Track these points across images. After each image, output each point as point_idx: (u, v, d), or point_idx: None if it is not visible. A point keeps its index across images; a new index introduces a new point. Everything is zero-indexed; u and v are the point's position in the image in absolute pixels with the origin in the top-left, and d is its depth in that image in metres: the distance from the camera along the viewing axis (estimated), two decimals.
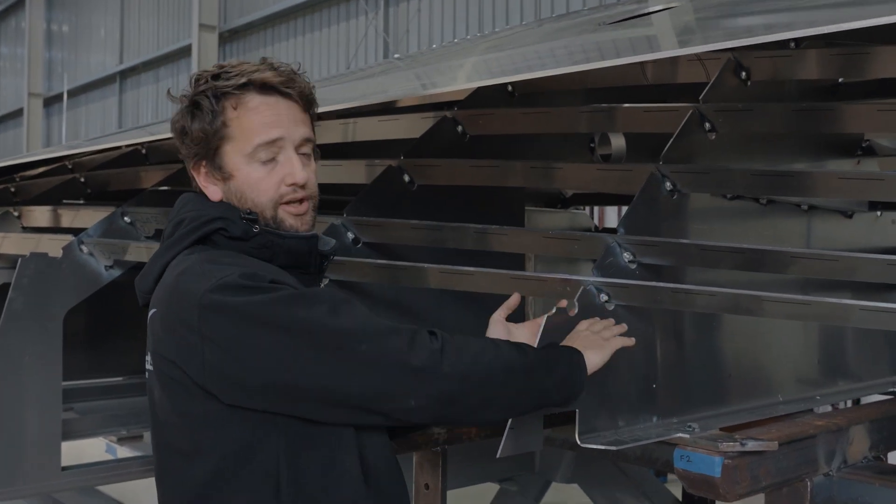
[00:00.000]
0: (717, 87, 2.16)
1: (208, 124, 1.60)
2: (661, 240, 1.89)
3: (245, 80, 1.60)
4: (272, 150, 1.61)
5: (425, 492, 2.25)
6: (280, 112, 1.62)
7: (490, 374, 1.52)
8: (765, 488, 1.82)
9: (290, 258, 1.63)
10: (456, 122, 2.52)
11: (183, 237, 1.62)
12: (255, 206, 1.61)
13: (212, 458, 1.52)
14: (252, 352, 1.46)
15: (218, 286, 1.47)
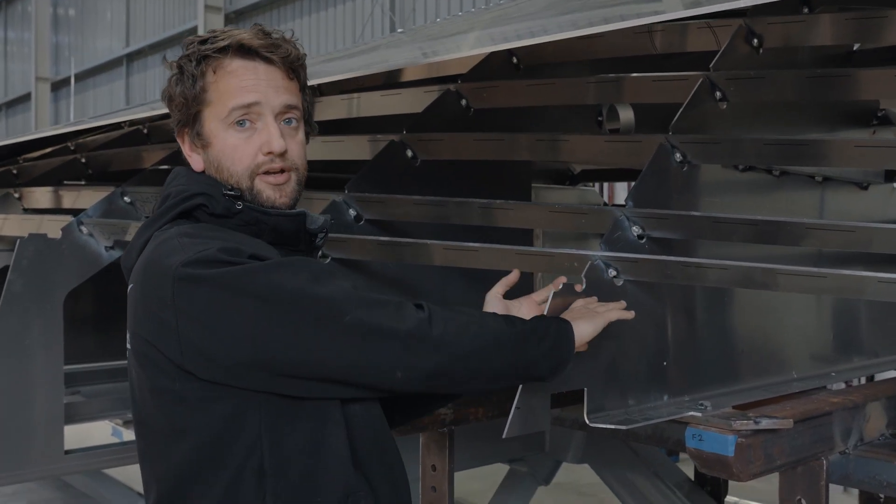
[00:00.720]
0: (727, 54, 2.09)
1: (189, 88, 1.54)
2: (671, 212, 1.84)
3: (226, 42, 1.54)
4: (250, 117, 1.53)
5: (432, 473, 2.21)
6: (259, 76, 1.54)
7: (476, 345, 1.48)
8: (779, 467, 1.78)
9: (276, 236, 1.56)
10: (460, 96, 2.46)
11: (165, 212, 1.55)
12: (232, 176, 1.54)
13: (191, 439, 1.46)
14: (229, 323, 1.40)
15: (194, 260, 1.41)
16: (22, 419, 2.43)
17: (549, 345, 1.54)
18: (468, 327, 1.48)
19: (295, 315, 1.40)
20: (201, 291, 1.40)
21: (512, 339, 1.52)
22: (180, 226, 1.52)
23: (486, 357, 1.50)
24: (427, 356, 1.44)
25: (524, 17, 3.18)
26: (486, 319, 1.53)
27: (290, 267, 1.44)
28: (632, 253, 1.77)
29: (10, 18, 25.32)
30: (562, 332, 1.56)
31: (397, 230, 2.19)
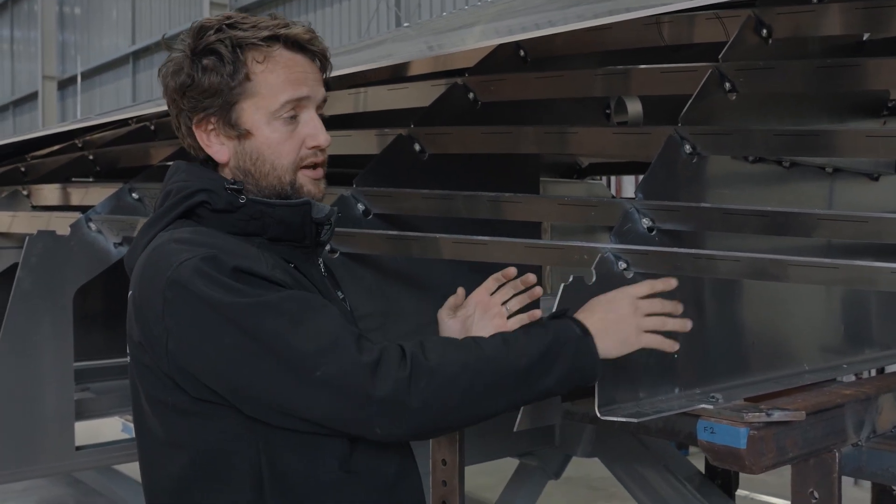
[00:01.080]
0: (736, 45, 2.08)
1: (228, 76, 1.47)
2: (681, 204, 1.83)
3: (270, 33, 1.49)
4: (297, 110, 1.50)
5: (443, 467, 2.21)
6: (307, 69, 1.51)
7: (472, 392, 1.38)
8: (791, 459, 1.76)
9: (281, 229, 1.51)
10: (467, 89, 2.45)
11: (166, 212, 1.50)
12: (274, 169, 1.50)
13: (189, 453, 1.43)
14: (210, 352, 1.37)
15: (178, 272, 1.37)
16: (33, 415, 2.43)
17: (564, 369, 1.44)
18: (461, 375, 1.38)
19: (269, 363, 1.35)
20: (186, 311, 1.37)
21: (518, 373, 1.41)
22: (178, 228, 1.48)
23: (485, 400, 1.41)
24: (406, 420, 1.36)
25: (530, 10, 3.17)
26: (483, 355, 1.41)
27: (271, 307, 1.36)
28: (642, 245, 1.77)
29: (16, 17, 25.39)
30: (581, 351, 1.46)
31: (406, 224, 2.19)
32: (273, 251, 1.49)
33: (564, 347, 1.45)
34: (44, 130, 4.21)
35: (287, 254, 1.52)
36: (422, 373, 1.36)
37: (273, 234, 1.50)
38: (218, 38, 1.48)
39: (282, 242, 1.52)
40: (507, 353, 1.42)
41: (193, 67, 1.48)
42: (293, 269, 1.51)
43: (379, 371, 1.34)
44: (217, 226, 1.48)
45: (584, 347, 1.47)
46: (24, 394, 2.42)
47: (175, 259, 1.39)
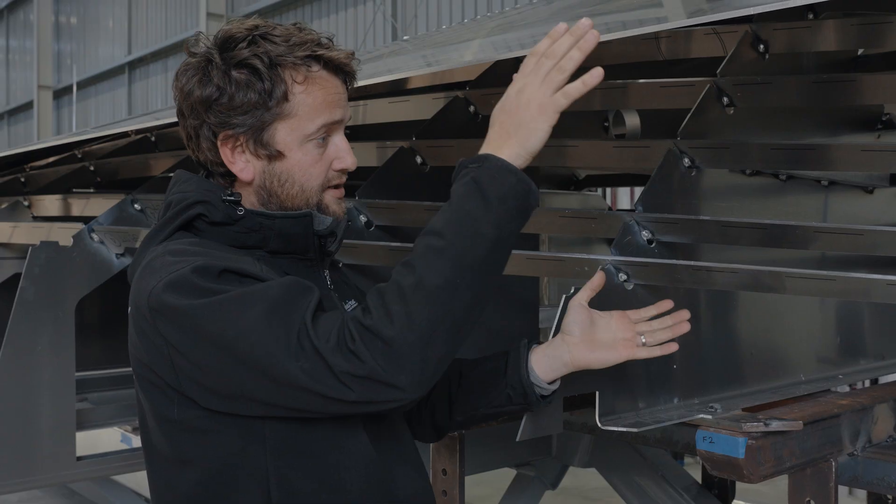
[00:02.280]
0: (734, 60, 2.12)
1: (266, 94, 1.41)
2: (680, 217, 1.86)
3: (310, 52, 1.43)
4: (328, 132, 1.47)
5: (443, 477, 2.23)
6: (340, 91, 1.47)
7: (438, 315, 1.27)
8: (789, 469, 1.79)
9: (282, 242, 1.46)
10: (468, 102, 2.48)
11: (165, 224, 1.47)
12: (303, 191, 1.46)
13: (197, 470, 1.40)
14: (202, 358, 1.34)
15: (164, 285, 1.34)
16: (34, 426, 2.44)
17: (497, 210, 1.31)
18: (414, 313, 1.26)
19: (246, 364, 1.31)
20: (173, 326, 1.34)
21: (460, 265, 1.28)
22: (175, 240, 1.44)
23: (455, 309, 1.29)
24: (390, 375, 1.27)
25: (527, 25, 3.21)
26: (408, 272, 1.29)
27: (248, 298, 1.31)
28: (642, 257, 1.79)
29: (11, 27, 25.40)
30: (493, 178, 1.32)
31: (408, 236, 2.21)
32: (274, 264, 1.45)
33: (474, 196, 1.32)
34: (46, 142, 4.23)
35: (288, 267, 1.48)
36: (372, 337, 1.26)
37: (273, 246, 1.47)
38: (253, 53, 1.41)
39: (283, 255, 1.48)
40: (430, 256, 1.30)
41: (224, 80, 1.41)
42: None
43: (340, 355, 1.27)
44: (216, 238, 1.45)
45: (492, 170, 1.33)
46: (25, 404, 2.43)
47: (165, 270, 1.36)
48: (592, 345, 1.55)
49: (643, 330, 1.57)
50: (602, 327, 1.56)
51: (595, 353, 1.55)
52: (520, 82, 1.37)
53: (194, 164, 1.56)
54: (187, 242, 1.42)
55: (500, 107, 1.39)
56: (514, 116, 1.36)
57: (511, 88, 1.38)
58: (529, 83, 1.36)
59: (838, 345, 2.38)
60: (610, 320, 1.57)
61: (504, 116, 1.37)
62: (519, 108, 1.36)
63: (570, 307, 1.56)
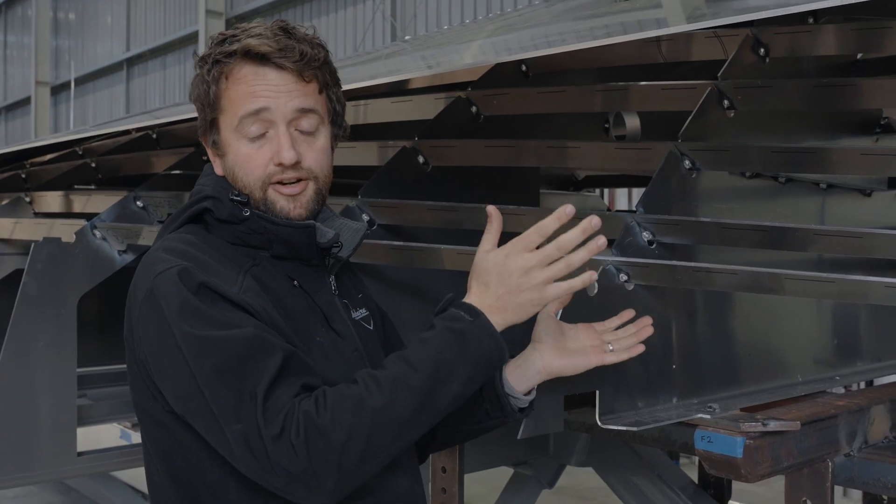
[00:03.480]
0: (735, 63, 2.14)
1: (204, 95, 1.49)
2: (680, 218, 1.87)
3: (235, 47, 1.46)
4: (261, 125, 1.45)
5: (442, 475, 2.24)
6: (269, 81, 1.45)
7: (377, 439, 1.31)
8: (786, 469, 1.80)
9: (286, 248, 1.48)
10: (470, 103, 2.50)
11: (177, 216, 1.52)
12: (245, 186, 1.47)
13: (163, 463, 1.44)
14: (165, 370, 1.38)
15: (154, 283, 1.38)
16: (36, 421, 2.45)
17: (468, 368, 1.36)
18: (354, 434, 1.29)
19: (201, 402, 1.34)
20: (153, 325, 1.38)
21: (417, 403, 1.33)
22: (183, 232, 1.49)
23: (394, 444, 1.34)
24: (318, 487, 1.30)
25: (528, 27, 3.23)
26: (378, 400, 1.31)
27: (216, 345, 1.33)
28: (642, 258, 1.81)
29: (10, 22, 25.35)
30: (479, 338, 1.37)
31: (409, 235, 2.22)
32: (278, 267, 1.48)
33: (457, 347, 1.36)
34: (43, 140, 4.24)
35: (292, 271, 1.49)
36: (316, 438, 1.28)
37: (278, 251, 1.48)
38: (205, 55, 1.50)
39: (289, 259, 1.49)
40: (400, 387, 1.33)
41: (192, 85, 1.53)
42: (295, 287, 1.48)
43: (279, 444, 1.28)
44: (222, 234, 1.48)
45: (480, 332, 1.37)
46: (27, 399, 2.44)
47: (154, 269, 1.40)
48: (563, 352, 1.55)
49: (609, 339, 1.58)
50: (571, 336, 1.57)
51: (566, 360, 1.55)
52: (523, 259, 1.39)
53: (196, 163, 1.60)
54: (187, 240, 1.45)
55: (500, 273, 1.39)
56: (512, 295, 1.39)
57: (515, 261, 1.39)
58: (534, 268, 1.38)
59: (835, 346, 2.40)
60: (578, 331, 1.58)
61: (501, 287, 1.39)
62: (519, 288, 1.38)
63: (540, 318, 1.56)
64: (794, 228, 1.78)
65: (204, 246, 1.45)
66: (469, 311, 1.39)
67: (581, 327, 1.59)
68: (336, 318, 1.53)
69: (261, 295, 1.41)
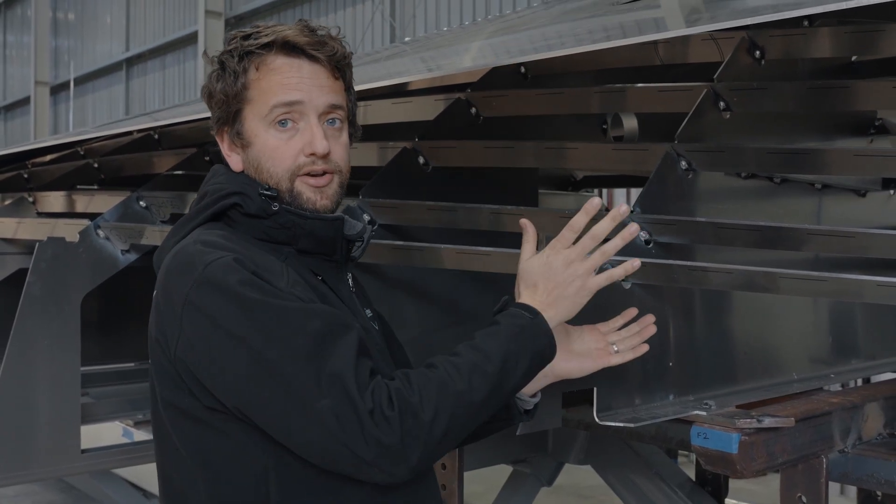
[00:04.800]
0: (731, 66, 2.16)
1: (230, 86, 1.49)
2: (677, 218, 1.90)
3: (270, 38, 1.48)
4: (292, 116, 1.48)
5: (442, 471, 2.27)
6: (303, 74, 1.48)
7: (455, 422, 1.36)
8: (781, 465, 1.83)
9: (312, 242, 1.49)
10: (469, 104, 2.52)
11: (199, 212, 1.51)
12: (272, 177, 1.49)
13: (198, 462, 1.42)
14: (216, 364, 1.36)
15: (200, 280, 1.37)
16: (40, 419, 2.48)
17: (526, 362, 1.44)
18: (439, 415, 1.34)
19: (272, 387, 1.33)
20: (203, 320, 1.36)
21: (488, 391, 1.40)
22: (207, 229, 1.48)
23: (466, 426, 1.40)
24: (401, 461, 1.32)
25: (527, 29, 3.25)
26: (460, 385, 1.37)
27: (295, 320, 1.34)
28: (639, 257, 1.83)
29: (9, 22, 25.35)
30: (537, 335, 1.46)
31: (410, 235, 2.25)
32: (301, 262, 1.49)
33: (520, 340, 1.45)
34: (45, 141, 4.26)
35: (316, 266, 1.51)
36: (408, 414, 1.32)
37: (303, 245, 1.49)
38: (231, 48, 1.51)
39: (311, 255, 1.51)
40: (477, 373, 1.39)
41: (211, 78, 1.53)
42: (320, 283, 1.50)
43: (374, 418, 1.30)
44: (247, 230, 1.49)
45: (538, 329, 1.47)
46: (31, 397, 2.46)
47: (201, 260, 1.39)
48: (569, 355, 1.61)
49: (613, 339, 1.65)
50: (576, 339, 1.63)
51: (572, 363, 1.62)
52: (564, 254, 1.50)
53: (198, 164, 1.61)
54: (219, 234, 1.45)
55: (546, 273, 1.50)
56: (560, 288, 1.49)
57: (556, 257, 1.50)
58: (574, 259, 1.50)
59: (831, 344, 2.43)
60: (583, 333, 1.63)
61: (549, 284, 1.50)
62: (566, 283, 1.49)
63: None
64: (788, 228, 1.81)
65: (237, 240, 1.46)
66: (528, 310, 1.48)
67: (586, 329, 1.64)
68: (357, 312, 1.56)
69: (313, 286, 1.45)
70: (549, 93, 2.45)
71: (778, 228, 1.82)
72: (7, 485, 2.48)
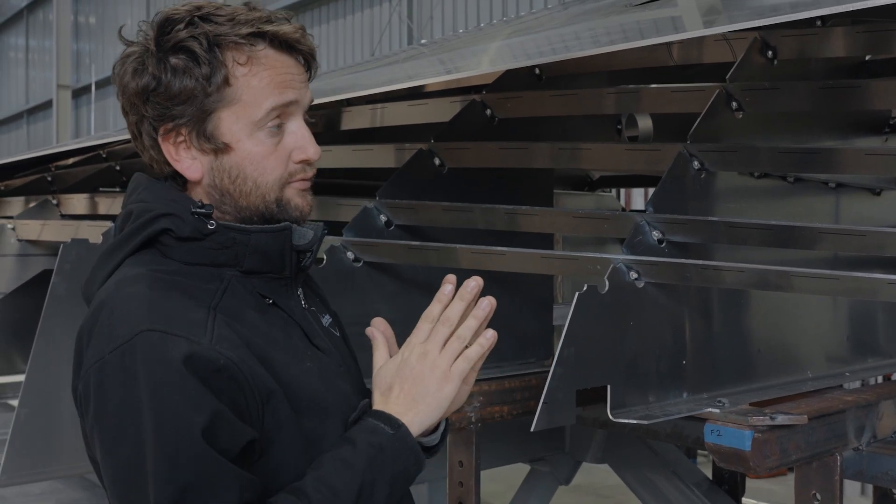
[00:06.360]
0: (743, 66, 2.17)
1: (203, 80, 1.26)
2: (689, 217, 1.92)
3: (254, 29, 1.27)
4: (283, 118, 1.31)
5: (459, 469, 2.29)
6: (294, 72, 1.31)
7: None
8: (794, 462, 1.84)
9: (258, 260, 1.31)
10: (484, 106, 2.55)
11: (127, 239, 1.30)
12: (257, 188, 1.30)
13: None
14: (106, 451, 1.20)
15: (129, 349, 1.18)
16: (65, 417, 2.52)
17: (387, 486, 1.26)
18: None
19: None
20: (103, 394, 1.20)
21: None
22: (139, 262, 1.29)
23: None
24: None
25: (544, 30, 3.27)
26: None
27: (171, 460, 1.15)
28: (652, 256, 1.86)
29: (31, 26, 25.61)
30: (399, 452, 1.27)
31: (426, 235, 2.28)
32: (247, 286, 1.31)
33: (377, 467, 1.26)
34: (67, 144, 4.32)
35: (263, 287, 1.33)
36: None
37: (248, 265, 1.31)
38: (191, 34, 1.26)
39: (259, 275, 1.32)
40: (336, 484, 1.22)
41: (160, 67, 1.26)
42: (271, 306, 1.33)
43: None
44: (183, 256, 1.29)
45: (400, 446, 1.28)
46: (56, 396, 2.51)
47: (121, 333, 1.20)
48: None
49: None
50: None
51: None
52: (419, 348, 1.32)
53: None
54: (149, 279, 1.26)
55: (400, 371, 1.32)
56: (419, 385, 1.31)
57: (410, 353, 1.32)
58: (430, 350, 1.32)
59: (846, 343, 2.43)
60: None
61: (406, 383, 1.32)
62: (423, 376, 1.31)
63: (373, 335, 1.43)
64: (801, 227, 1.82)
65: (160, 286, 1.25)
66: (388, 422, 1.29)
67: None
68: (314, 332, 1.39)
69: (236, 343, 1.23)
70: (563, 94, 2.48)
71: (791, 228, 1.84)
72: (32, 482, 2.53)
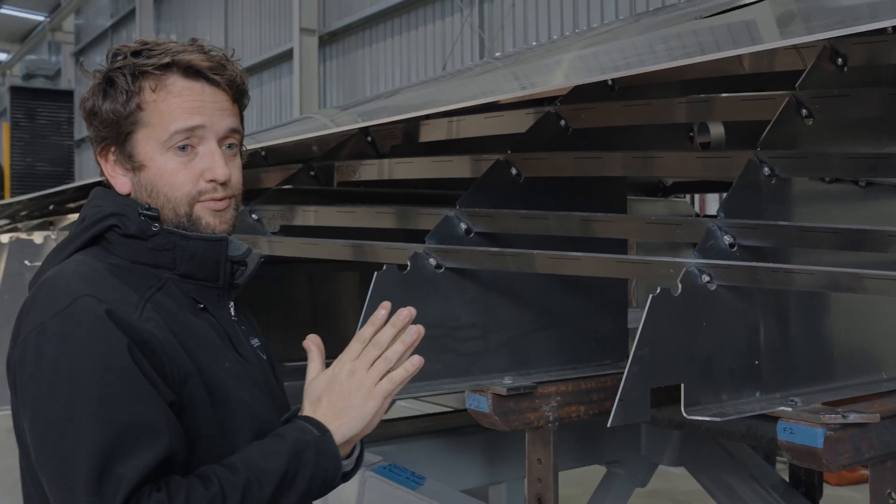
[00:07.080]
0: (813, 73, 2.21)
1: (121, 105, 1.43)
2: (760, 222, 1.97)
3: (168, 59, 1.44)
4: (191, 141, 1.44)
5: (538, 466, 2.37)
6: (204, 98, 1.45)
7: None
8: (868, 460, 1.86)
9: (194, 265, 1.44)
10: (559, 117, 2.63)
11: (75, 237, 1.46)
12: (168, 202, 1.44)
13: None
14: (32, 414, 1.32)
15: (41, 330, 1.31)
16: None
17: (305, 481, 1.35)
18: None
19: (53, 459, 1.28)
20: (37, 357, 1.31)
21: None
22: (85, 255, 1.43)
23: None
24: None
25: (615, 43, 3.34)
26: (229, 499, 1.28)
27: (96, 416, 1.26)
28: (724, 260, 1.92)
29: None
30: (321, 453, 1.37)
31: (504, 241, 2.38)
32: (182, 289, 1.44)
33: (301, 460, 1.36)
34: None
35: (197, 293, 1.46)
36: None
37: (184, 269, 1.44)
38: (120, 66, 1.45)
39: (194, 280, 1.46)
40: (249, 497, 1.30)
41: (96, 94, 1.46)
42: (201, 311, 1.46)
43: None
44: (126, 254, 1.44)
45: (324, 448, 1.38)
46: None
47: (61, 299, 1.33)
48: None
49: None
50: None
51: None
52: (349, 365, 1.43)
53: (306, 179, 1.62)
54: (91, 264, 1.40)
55: (329, 385, 1.43)
56: (345, 399, 1.42)
57: (340, 369, 1.43)
58: (358, 369, 1.43)
59: None
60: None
61: (333, 395, 1.42)
62: (350, 392, 1.42)
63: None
64: (872, 230, 1.86)
65: (101, 269, 1.40)
66: (316, 425, 1.40)
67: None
68: (239, 341, 1.51)
69: (161, 325, 1.36)
70: (635, 104, 2.55)
71: (862, 231, 1.87)
72: None
